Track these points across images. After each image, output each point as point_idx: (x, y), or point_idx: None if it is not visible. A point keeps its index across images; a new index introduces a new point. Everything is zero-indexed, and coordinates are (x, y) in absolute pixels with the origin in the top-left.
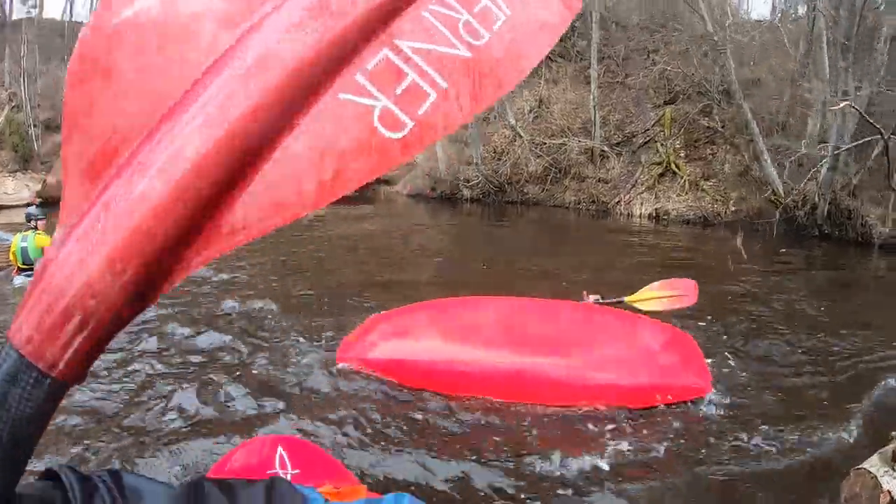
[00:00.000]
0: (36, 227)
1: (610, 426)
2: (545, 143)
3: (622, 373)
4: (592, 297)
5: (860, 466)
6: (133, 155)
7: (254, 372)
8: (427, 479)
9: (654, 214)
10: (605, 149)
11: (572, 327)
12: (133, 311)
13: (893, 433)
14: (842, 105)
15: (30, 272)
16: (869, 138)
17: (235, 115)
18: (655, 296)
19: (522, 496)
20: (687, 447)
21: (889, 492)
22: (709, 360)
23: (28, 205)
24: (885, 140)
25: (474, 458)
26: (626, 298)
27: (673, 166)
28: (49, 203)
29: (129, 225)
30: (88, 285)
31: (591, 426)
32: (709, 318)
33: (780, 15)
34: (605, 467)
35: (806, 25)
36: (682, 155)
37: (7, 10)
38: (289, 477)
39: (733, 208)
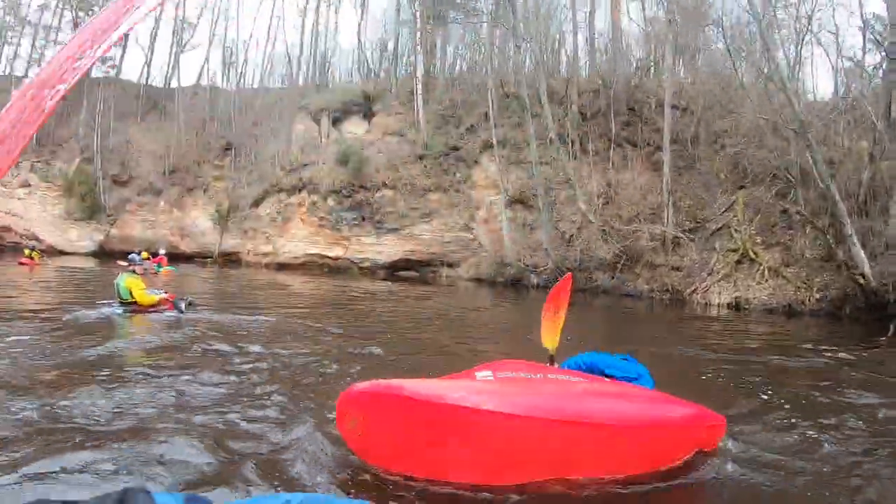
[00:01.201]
0: (134, 271)
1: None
2: (621, 230)
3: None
4: None
5: None
6: None
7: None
8: None
9: (733, 303)
10: (681, 235)
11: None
12: None
13: None
14: None
15: (119, 306)
16: None
17: None
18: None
19: None
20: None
21: None
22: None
23: (130, 253)
24: None
25: None
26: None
27: (750, 253)
28: (112, 254)
29: None
30: None
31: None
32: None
33: (844, 91)
34: None
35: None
36: (758, 241)
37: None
38: None
39: (817, 295)
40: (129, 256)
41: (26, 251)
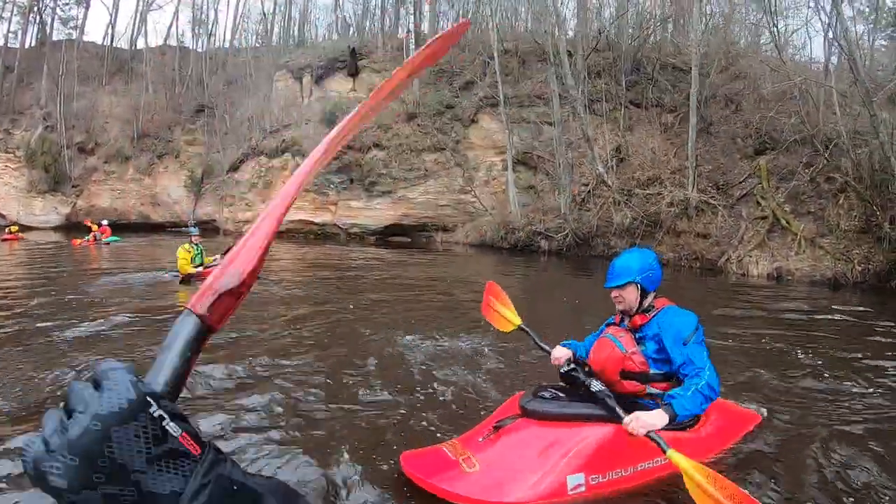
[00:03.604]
0: (191, 241)
1: None
2: (640, 194)
3: None
4: None
5: None
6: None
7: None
8: None
9: (773, 274)
10: (711, 201)
11: None
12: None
13: None
14: None
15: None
16: None
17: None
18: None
19: None
20: None
21: None
22: None
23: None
24: None
25: None
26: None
27: (783, 221)
28: (79, 227)
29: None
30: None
31: None
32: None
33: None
34: None
35: None
36: (787, 209)
37: (48, 29)
38: None
39: (859, 268)
40: (189, 229)
41: (11, 228)
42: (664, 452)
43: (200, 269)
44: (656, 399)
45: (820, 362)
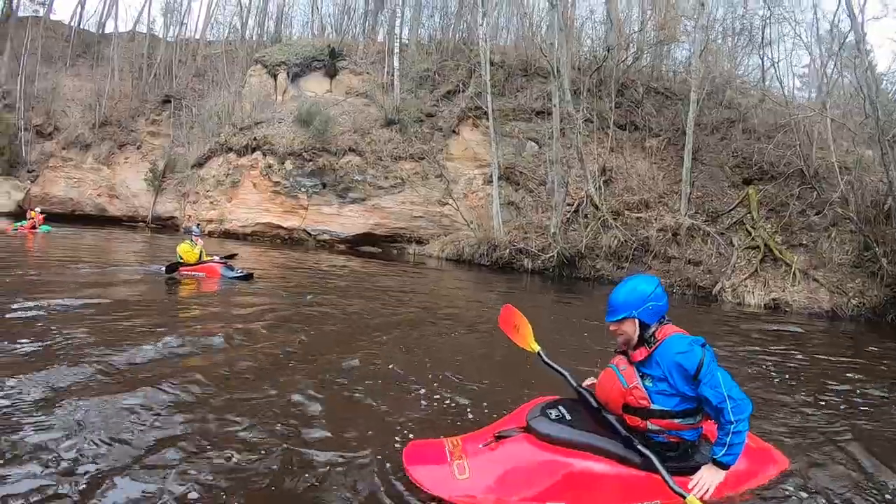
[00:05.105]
0: (192, 239)
1: None
2: (630, 217)
3: None
4: None
5: None
6: None
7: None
8: None
9: (771, 304)
10: (706, 228)
11: None
12: None
13: None
14: None
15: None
16: None
17: None
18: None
19: None
20: None
21: None
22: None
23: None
24: None
25: None
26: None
27: (776, 252)
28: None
29: None
30: None
31: None
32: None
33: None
34: None
35: None
36: (778, 240)
37: (14, 4)
38: None
39: (854, 301)
40: (191, 228)
41: None
42: (683, 498)
43: (199, 264)
44: (663, 435)
45: (822, 398)
